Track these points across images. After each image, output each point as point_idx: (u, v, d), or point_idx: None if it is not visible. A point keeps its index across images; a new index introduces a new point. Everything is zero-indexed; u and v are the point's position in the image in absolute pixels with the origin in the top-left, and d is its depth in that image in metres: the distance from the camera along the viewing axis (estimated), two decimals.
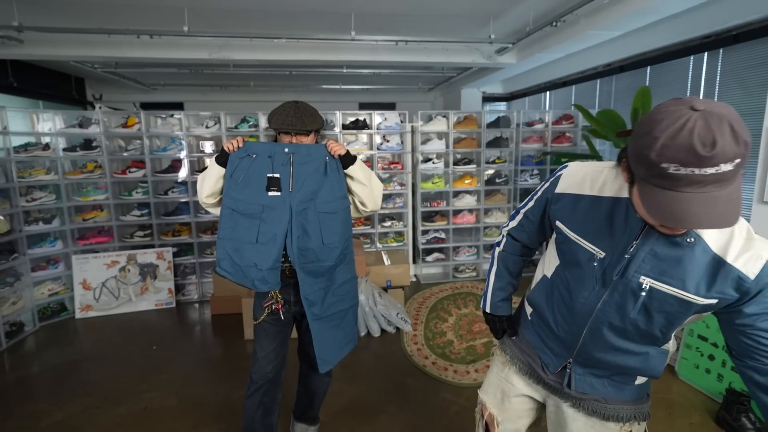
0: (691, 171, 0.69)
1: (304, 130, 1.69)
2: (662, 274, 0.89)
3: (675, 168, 0.70)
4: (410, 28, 3.99)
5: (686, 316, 0.92)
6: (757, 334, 0.86)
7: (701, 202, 0.71)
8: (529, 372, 1.21)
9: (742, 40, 3.17)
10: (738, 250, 0.85)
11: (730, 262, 0.85)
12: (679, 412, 2.31)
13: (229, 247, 1.67)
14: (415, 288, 4.37)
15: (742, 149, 0.70)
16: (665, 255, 0.89)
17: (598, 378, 1.08)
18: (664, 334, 0.97)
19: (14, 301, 3.42)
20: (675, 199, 0.72)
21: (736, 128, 0.70)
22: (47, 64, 5.05)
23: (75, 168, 3.94)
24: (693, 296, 0.88)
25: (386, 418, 2.33)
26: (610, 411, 1.08)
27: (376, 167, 4.38)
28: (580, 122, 4.66)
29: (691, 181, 0.70)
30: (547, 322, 1.12)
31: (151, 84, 6.21)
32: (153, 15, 3.51)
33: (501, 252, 1.29)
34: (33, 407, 2.49)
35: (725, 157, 0.69)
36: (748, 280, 0.84)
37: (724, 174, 0.70)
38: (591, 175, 1.00)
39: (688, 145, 0.68)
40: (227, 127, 4.09)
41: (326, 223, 1.71)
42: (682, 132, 0.69)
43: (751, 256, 0.84)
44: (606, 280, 0.96)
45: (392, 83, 6.47)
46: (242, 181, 1.66)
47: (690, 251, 0.87)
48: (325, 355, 1.75)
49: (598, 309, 0.98)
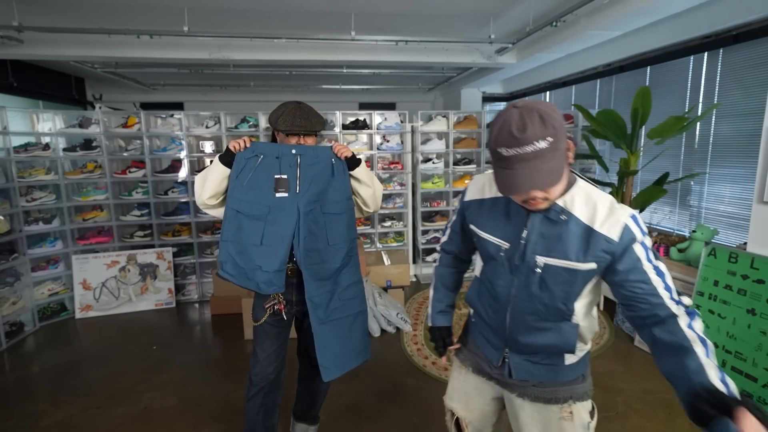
0: (515, 151, 0.89)
1: (313, 131, 1.70)
2: (551, 250, 1.05)
3: (505, 150, 0.91)
4: (410, 28, 3.98)
5: (577, 284, 1.06)
6: (632, 286, 1.01)
7: (528, 174, 0.91)
8: (480, 370, 1.30)
9: (742, 40, 3.17)
10: (602, 218, 1.01)
11: (597, 229, 1.01)
12: (679, 412, 2.31)
13: (233, 249, 1.65)
14: (415, 288, 4.37)
15: (550, 130, 0.89)
16: (549, 234, 1.05)
17: (533, 363, 1.18)
18: (567, 305, 1.09)
19: (14, 301, 3.42)
20: (510, 175, 0.93)
21: (543, 116, 0.89)
22: (47, 64, 5.05)
23: (75, 168, 3.94)
24: (575, 263, 1.03)
25: (386, 418, 2.33)
26: (549, 394, 1.18)
27: (376, 167, 4.38)
28: (580, 122, 4.66)
29: (519, 159, 0.90)
30: (482, 317, 1.24)
31: (151, 84, 6.21)
32: (153, 15, 3.51)
33: (437, 267, 1.43)
34: (33, 407, 2.49)
35: (536, 137, 0.88)
36: (613, 242, 1.00)
37: (542, 150, 0.89)
38: (488, 182, 1.18)
39: (509, 132, 0.89)
40: (227, 127, 4.09)
41: (332, 224, 1.71)
42: (504, 124, 0.91)
43: (613, 222, 1.00)
44: (512, 267, 1.12)
45: (392, 83, 6.47)
46: (248, 183, 1.64)
47: (566, 226, 1.03)
48: (328, 363, 1.72)
49: (512, 294, 1.13)
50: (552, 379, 1.17)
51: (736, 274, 2.41)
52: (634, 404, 2.39)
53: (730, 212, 3.39)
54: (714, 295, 2.50)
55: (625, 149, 3.66)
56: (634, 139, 3.59)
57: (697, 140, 3.65)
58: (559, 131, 0.90)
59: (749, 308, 2.33)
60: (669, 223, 4.02)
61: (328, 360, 1.72)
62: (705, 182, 3.60)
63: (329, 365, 1.73)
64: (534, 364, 1.18)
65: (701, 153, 3.63)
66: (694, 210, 3.75)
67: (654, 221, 4.11)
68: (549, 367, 1.17)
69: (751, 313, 2.31)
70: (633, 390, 2.52)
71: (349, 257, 1.79)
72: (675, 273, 2.87)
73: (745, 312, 2.34)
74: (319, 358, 1.70)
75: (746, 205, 3.21)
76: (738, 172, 3.31)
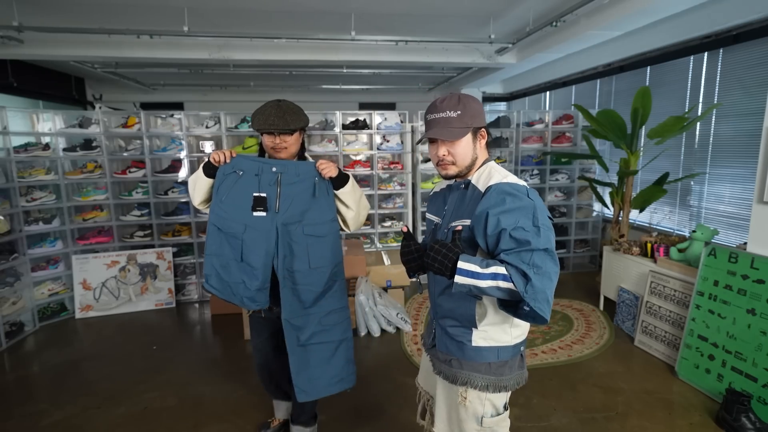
0: (433, 116, 1.24)
1: (288, 129, 1.61)
2: (459, 216, 1.24)
3: (429, 116, 1.26)
4: (410, 28, 3.98)
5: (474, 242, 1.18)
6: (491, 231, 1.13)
7: (437, 130, 1.22)
8: (425, 345, 1.45)
9: (742, 40, 3.17)
10: (485, 181, 1.20)
11: (479, 188, 1.21)
12: (679, 412, 2.31)
13: (216, 263, 1.63)
14: (415, 288, 4.37)
15: (461, 107, 1.20)
16: (459, 201, 1.27)
17: (448, 336, 1.28)
18: None
19: (14, 301, 3.42)
20: (427, 132, 1.25)
21: (461, 99, 1.22)
22: (47, 64, 5.05)
23: (75, 168, 3.94)
24: (468, 221, 1.18)
25: (386, 418, 2.33)
26: (451, 373, 1.26)
27: (376, 167, 4.38)
28: (580, 122, 4.66)
29: (434, 122, 1.23)
30: (429, 293, 1.39)
31: (151, 84, 6.21)
32: (153, 15, 3.51)
33: None
34: (33, 407, 2.49)
35: (448, 108, 1.21)
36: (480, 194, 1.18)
37: (449, 118, 1.20)
38: (442, 183, 1.42)
39: (433, 104, 1.25)
40: (227, 127, 4.09)
41: (314, 247, 1.65)
42: (435, 100, 1.25)
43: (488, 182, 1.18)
44: (437, 235, 1.31)
45: (392, 83, 6.47)
46: (226, 199, 1.61)
47: (467, 192, 1.25)
48: (304, 385, 1.67)
49: None
50: (459, 357, 1.25)
51: (736, 274, 2.41)
52: (634, 404, 2.39)
53: (730, 212, 3.39)
54: (714, 295, 2.50)
55: (625, 149, 3.66)
56: (634, 139, 3.59)
57: (697, 140, 3.65)
58: (468, 111, 1.20)
59: (749, 308, 2.33)
60: (669, 223, 4.02)
61: (303, 383, 1.67)
62: (705, 182, 3.60)
63: (305, 388, 1.67)
64: (449, 338, 1.28)
65: (701, 153, 3.63)
66: (694, 210, 3.76)
67: (654, 221, 4.11)
68: (458, 344, 1.26)
69: (751, 313, 2.31)
70: (633, 390, 2.52)
71: (333, 281, 1.71)
72: (675, 273, 2.87)
73: (745, 312, 2.34)
74: (294, 380, 1.66)
75: (746, 205, 3.21)
76: (738, 172, 3.31)
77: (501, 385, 1.23)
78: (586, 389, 2.55)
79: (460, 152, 1.22)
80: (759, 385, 2.23)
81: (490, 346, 1.22)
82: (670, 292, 2.88)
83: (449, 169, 1.25)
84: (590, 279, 4.48)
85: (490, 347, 1.22)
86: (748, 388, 2.26)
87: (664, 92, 3.92)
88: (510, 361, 1.24)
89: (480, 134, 1.25)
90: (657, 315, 2.94)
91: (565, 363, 2.86)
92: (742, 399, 2.14)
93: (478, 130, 1.24)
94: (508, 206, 1.09)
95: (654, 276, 3.00)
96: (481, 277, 1.05)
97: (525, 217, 1.08)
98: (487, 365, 1.22)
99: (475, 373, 1.22)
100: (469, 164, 1.25)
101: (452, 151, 1.22)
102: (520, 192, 1.12)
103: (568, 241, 4.82)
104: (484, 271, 1.05)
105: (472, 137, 1.23)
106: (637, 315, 3.14)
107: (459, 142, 1.21)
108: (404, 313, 3.45)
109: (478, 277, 1.05)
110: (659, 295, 2.95)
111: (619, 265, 3.39)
